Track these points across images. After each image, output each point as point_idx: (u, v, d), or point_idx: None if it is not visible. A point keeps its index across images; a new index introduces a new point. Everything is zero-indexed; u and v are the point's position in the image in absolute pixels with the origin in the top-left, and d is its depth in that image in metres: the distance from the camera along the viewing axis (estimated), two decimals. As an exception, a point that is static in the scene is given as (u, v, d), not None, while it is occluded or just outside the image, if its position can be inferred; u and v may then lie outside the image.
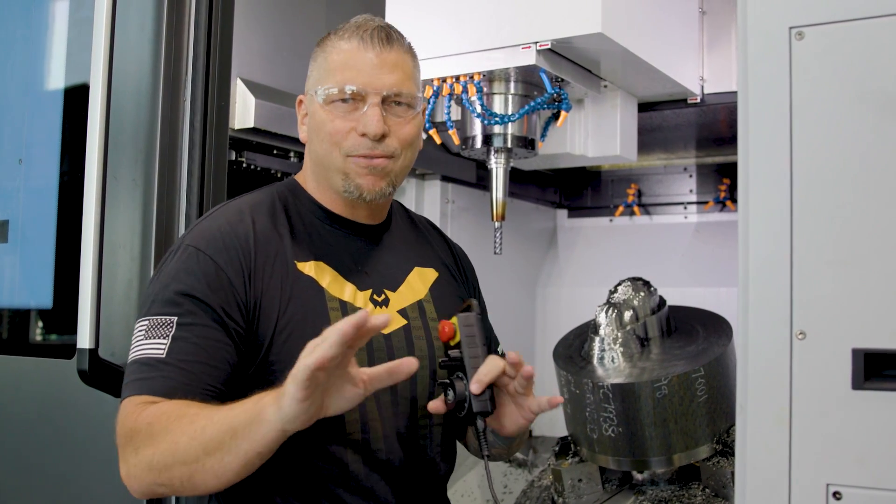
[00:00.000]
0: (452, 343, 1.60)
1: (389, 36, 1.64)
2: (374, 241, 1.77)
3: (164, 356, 1.48)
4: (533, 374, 1.56)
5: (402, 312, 1.73)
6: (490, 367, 1.53)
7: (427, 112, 2.44)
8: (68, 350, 2.15)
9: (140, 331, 1.53)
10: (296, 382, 1.24)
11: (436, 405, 1.59)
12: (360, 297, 1.68)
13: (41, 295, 2.42)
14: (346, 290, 1.66)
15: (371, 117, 1.60)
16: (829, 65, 1.41)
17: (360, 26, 1.65)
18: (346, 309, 1.64)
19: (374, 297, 1.70)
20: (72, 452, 2.22)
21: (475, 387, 1.52)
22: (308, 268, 1.64)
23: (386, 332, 1.67)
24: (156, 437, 1.39)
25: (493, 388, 1.55)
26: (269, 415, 1.30)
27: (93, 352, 2.05)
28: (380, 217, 1.78)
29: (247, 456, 1.33)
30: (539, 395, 1.60)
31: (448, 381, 1.57)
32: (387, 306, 1.71)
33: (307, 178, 1.75)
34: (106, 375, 2.04)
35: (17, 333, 2.54)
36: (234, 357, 1.53)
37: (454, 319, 1.61)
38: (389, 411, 1.65)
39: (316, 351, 1.23)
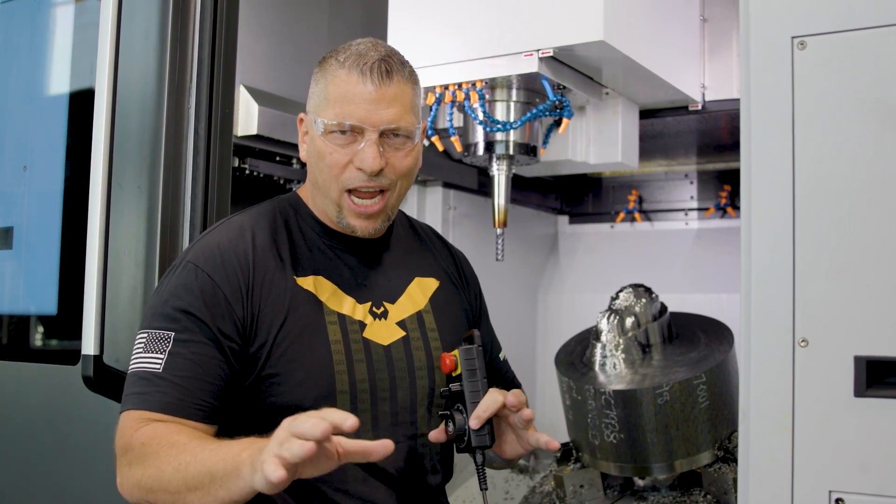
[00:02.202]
0: (454, 374, 1.61)
1: (389, 70, 1.62)
2: (374, 254, 1.79)
3: (160, 371, 1.53)
4: (532, 417, 1.58)
5: (401, 324, 1.75)
6: (489, 404, 1.55)
7: (429, 119, 2.45)
8: (73, 356, 2.16)
9: (140, 343, 1.58)
10: (262, 474, 1.25)
11: (436, 435, 1.61)
12: (359, 310, 1.70)
13: (46, 301, 2.42)
14: (345, 304, 1.69)
15: (368, 154, 1.60)
16: (830, 74, 1.42)
17: (361, 56, 1.62)
18: (344, 322, 1.67)
19: (374, 309, 1.73)
20: (76, 458, 2.22)
21: (474, 422, 1.54)
22: (307, 282, 1.67)
23: (385, 343, 1.70)
24: (146, 459, 1.44)
25: (492, 421, 1.56)
26: (244, 474, 1.32)
27: (97, 358, 2.06)
28: (380, 231, 1.79)
29: (224, 501, 1.37)
30: (540, 433, 1.61)
31: (448, 413, 1.59)
32: (386, 318, 1.73)
33: (308, 194, 1.77)
34: (110, 381, 2.05)
35: (22, 339, 2.55)
36: (227, 373, 1.57)
37: (455, 352, 1.62)
38: (388, 421, 1.68)
39: (270, 467, 1.24)
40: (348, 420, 1.28)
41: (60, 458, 2.26)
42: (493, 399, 1.55)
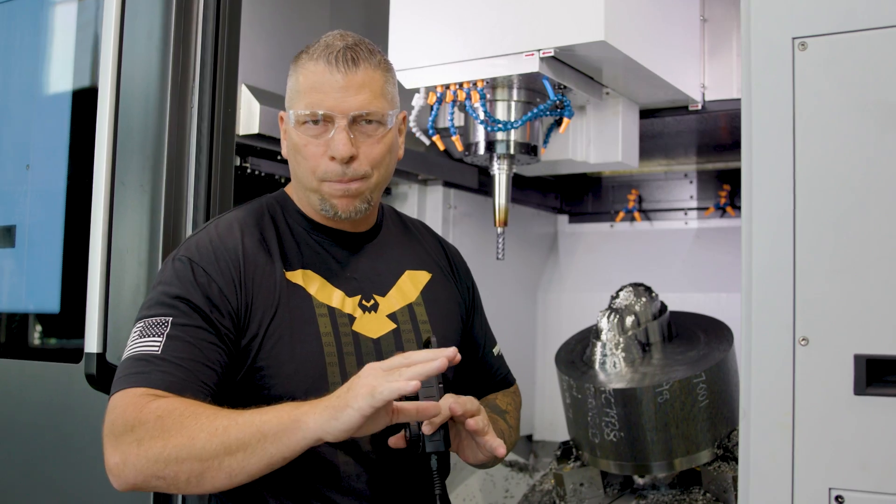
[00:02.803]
0: None
1: (356, 57, 1.63)
2: (362, 247, 1.79)
3: (159, 352, 1.51)
4: (476, 428, 1.57)
5: (392, 317, 1.75)
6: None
7: (430, 118, 2.46)
8: (76, 354, 2.17)
9: (135, 333, 1.56)
10: (373, 398, 1.34)
11: (396, 441, 1.61)
12: (348, 303, 1.71)
13: (49, 299, 2.43)
14: (334, 297, 1.70)
15: (338, 141, 1.62)
16: (831, 75, 1.43)
17: (328, 46, 1.65)
18: (333, 314, 1.68)
19: (363, 302, 1.73)
20: (79, 456, 2.23)
21: (427, 428, 1.54)
22: (296, 276, 1.68)
23: (375, 336, 1.71)
24: (167, 432, 1.40)
25: (447, 426, 1.57)
26: (308, 423, 1.36)
27: (100, 356, 2.06)
28: (366, 225, 1.81)
29: (272, 459, 1.38)
30: (492, 438, 1.60)
31: None
32: (376, 311, 1.74)
33: (293, 190, 1.79)
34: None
35: (25, 337, 2.56)
36: (225, 359, 1.57)
37: None
38: None
39: (400, 382, 1.36)
40: (458, 354, 1.45)
41: (63, 456, 2.27)
42: (446, 405, 1.56)
